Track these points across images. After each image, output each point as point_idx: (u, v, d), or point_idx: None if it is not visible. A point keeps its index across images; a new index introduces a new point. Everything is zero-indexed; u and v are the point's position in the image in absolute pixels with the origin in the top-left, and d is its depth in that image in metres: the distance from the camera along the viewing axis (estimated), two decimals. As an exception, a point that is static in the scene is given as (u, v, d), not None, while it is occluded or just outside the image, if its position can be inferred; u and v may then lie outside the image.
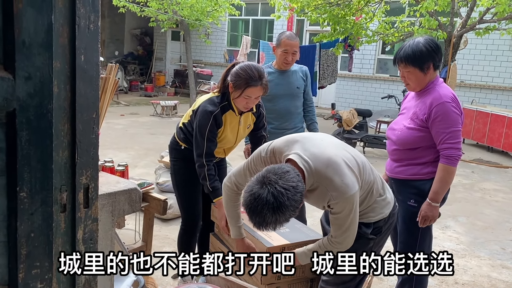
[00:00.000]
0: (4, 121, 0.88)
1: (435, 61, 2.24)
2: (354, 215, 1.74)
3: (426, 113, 2.22)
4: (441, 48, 2.27)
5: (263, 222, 1.58)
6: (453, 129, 2.17)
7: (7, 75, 0.85)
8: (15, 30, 0.85)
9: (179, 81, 14.52)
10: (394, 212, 2.01)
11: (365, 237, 1.91)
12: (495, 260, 3.68)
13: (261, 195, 1.54)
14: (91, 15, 0.97)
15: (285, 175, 1.59)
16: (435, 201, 2.24)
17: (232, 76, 2.39)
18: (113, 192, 1.55)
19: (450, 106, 2.18)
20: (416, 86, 2.30)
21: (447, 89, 2.26)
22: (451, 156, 2.18)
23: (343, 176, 1.68)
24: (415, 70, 2.23)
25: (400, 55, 2.26)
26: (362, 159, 1.86)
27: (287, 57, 3.13)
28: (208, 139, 2.41)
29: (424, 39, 2.25)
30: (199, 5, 11.25)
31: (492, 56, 10.15)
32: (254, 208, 1.56)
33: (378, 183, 1.92)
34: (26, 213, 0.92)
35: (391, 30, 8.14)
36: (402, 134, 2.31)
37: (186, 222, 2.73)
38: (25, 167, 0.90)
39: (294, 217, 1.70)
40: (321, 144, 1.79)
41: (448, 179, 2.22)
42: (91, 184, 1.03)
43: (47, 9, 0.88)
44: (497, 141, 8.04)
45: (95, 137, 1.02)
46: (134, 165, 5.75)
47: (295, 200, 1.57)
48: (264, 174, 1.60)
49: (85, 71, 0.97)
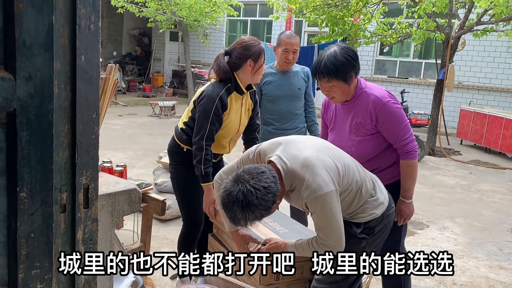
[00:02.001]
0: (4, 121, 0.88)
1: (355, 69, 2.18)
2: (332, 216, 1.75)
3: (372, 120, 2.18)
4: (356, 53, 2.22)
5: (234, 218, 1.67)
6: (402, 124, 2.17)
7: (8, 75, 0.85)
8: (15, 31, 0.85)
9: (177, 81, 14.51)
10: (390, 213, 2.00)
11: (356, 236, 1.93)
12: (492, 261, 3.69)
13: (232, 192, 1.64)
14: (91, 15, 0.97)
15: (258, 176, 1.67)
16: (408, 198, 2.25)
17: (245, 53, 2.44)
18: (113, 193, 1.55)
19: (391, 104, 2.16)
20: (341, 97, 2.23)
21: (378, 89, 2.23)
22: (410, 151, 2.19)
23: (315, 176, 1.71)
24: (339, 83, 2.15)
25: (320, 70, 2.16)
26: (346, 162, 1.86)
27: (287, 56, 3.14)
28: (212, 122, 2.40)
29: (340, 48, 2.16)
30: (198, 5, 11.25)
31: (489, 57, 10.18)
32: (226, 204, 1.66)
33: (368, 184, 1.92)
34: (26, 213, 0.92)
35: (389, 32, 8.16)
36: (357, 149, 2.24)
37: (188, 226, 2.70)
38: (25, 167, 0.90)
39: (268, 215, 1.75)
40: (302, 146, 1.84)
41: (415, 173, 2.24)
42: (91, 184, 1.03)
43: (48, 10, 0.88)
44: (494, 143, 8.07)
45: (95, 137, 1.02)
46: (132, 166, 5.75)
47: (265, 200, 1.64)
48: (239, 173, 1.70)
49: (86, 71, 0.98)
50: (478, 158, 7.92)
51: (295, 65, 3.33)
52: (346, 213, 1.95)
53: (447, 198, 5.42)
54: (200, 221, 2.68)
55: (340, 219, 1.79)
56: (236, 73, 2.47)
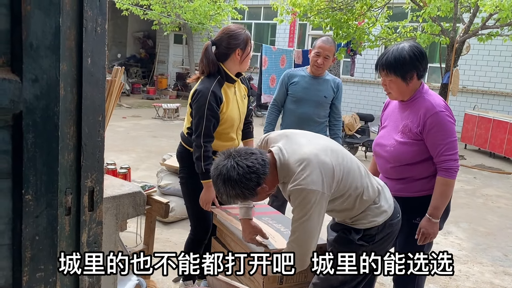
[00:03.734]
0: (10, 123, 0.88)
1: (419, 71, 2.09)
2: (308, 215, 1.72)
3: (419, 125, 2.08)
4: (426, 55, 2.13)
5: (218, 191, 1.76)
6: (449, 139, 2.05)
7: (15, 77, 0.85)
8: (23, 33, 0.85)
9: (181, 84, 14.54)
10: (393, 223, 1.93)
11: (353, 242, 1.89)
12: (497, 266, 3.66)
13: (218, 166, 1.73)
14: (98, 18, 0.97)
15: (247, 155, 1.73)
16: (436, 217, 2.11)
17: (232, 42, 2.44)
18: (118, 195, 1.55)
19: (445, 115, 2.06)
20: (398, 95, 2.17)
21: (437, 97, 2.14)
22: (450, 169, 2.06)
23: (306, 172, 1.71)
24: (397, 79, 2.08)
25: (382, 62, 2.11)
26: (347, 166, 1.83)
27: (317, 60, 3.14)
28: (208, 118, 2.37)
29: (409, 45, 2.09)
30: (202, 8, 11.29)
31: (494, 62, 10.15)
32: (212, 177, 1.76)
33: (370, 190, 1.88)
34: (31, 216, 0.91)
35: (394, 35, 8.14)
36: (396, 150, 2.16)
37: (196, 232, 2.67)
38: (30, 170, 0.90)
39: (251, 198, 1.80)
40: (305, 142, 1.85)
41: (448, 193, 2.11)
42: (96, 187, 1.02)
43: (55, 12, 0.88)
44: (499, 147, 8.03)
45: (101, 140, 1.02)
46: (136, 168, 5.75)
47: (247, 179, 1.69)
48: (232, 150, 1.77)
49: (92, 74, 0.97)
50: (482, 162, 7.88)
51: (327, 73, 3.31)
52: (348, 218, 1.94)
53: (452, 202, 5.39)
54: (208, 227, 2.65)
55: (316, 225, 1.75)
56: (223, 64, 2.46)
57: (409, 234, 2.19)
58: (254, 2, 13.44)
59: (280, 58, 9.92)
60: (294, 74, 3.30)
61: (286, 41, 12.99)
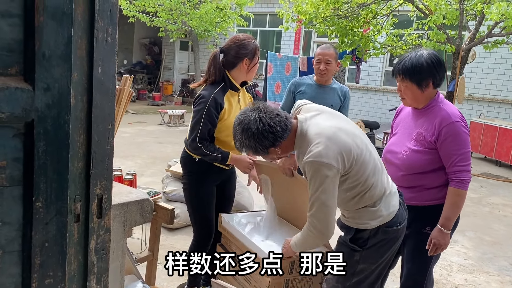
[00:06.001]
0: (22, 132, 0.89)
1: (436, 79, 2.08)
2: (322, 188, 1.72)
3: (434, 134, 2.08)
4: (444, 64, 2.12)
5: (234, 138, 1.85)
6: (464, 150, 2.05)
7: (27, 86, 0.87)
8: (35, 43, 0.86)
9: (186, 90, 14.61)
10: (389, 230, 1.88)
11: (347, 245, 1.90)
12: (504, 276, 3.63)
13: (243, 114, 1.82)
14: (109, 28, 0.98)
15: (272, 115, 1.77)
16: (447, 228, 2.10)
17: (242, 51, 2.45)
18: (126, 203, 1.56)
19: (460, 126, 2.05)
20: (412, 102, 2.16)
21: (453, 108, 2.13)
22: (463, 180, 2.05)
23: (322, 145, 1.71)
24: (413, 85, 2.09)
25: (399, 67, 2.12)
26: (364, 156, 1.81)
27: (320, 66, 3.17)
28: (204, 122, 2.38)
29: (427, 52, 2.09)
30: (208, 16, 11.37)
31: (500, 69, 10.13)
32: (235, 123, 1.84)
33: (377, 191, 1.85)
34: (41, 223, 0.92)
35: (399, 43, 8.15)
36: (408, 158, 2.15)
37: (199, 237, 2.68)
38: (41, 177, 0.91)
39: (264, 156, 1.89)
40: (331, 118, 1.87)
41: (460, 204, 2.10)
42: (105, 194, 1.03)
43: (67, 22, 0.89)
44: (505, 155, 7.99)
45: (110, 148, 1.03)
46: (141, 174, 5.77)
47: (264, 136, 1.74)
48: (260, 104, 1.83)
49: (102, 82, 0.99)
50: (488, 171, 7.84)
51: (334, 81, 3.32)
52: (343, 210, 1.94)
53: (457, 211, 5.36)
54: (211, 233, 2.66)
55: (331, 198, 1.75)
56: (229, 72, 2.47)
57: (417, 243, 2.19)
58: (260, 9, 13.51)
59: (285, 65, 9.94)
60: (301, 83, 3.32)
61: (291, 48, 13.04)
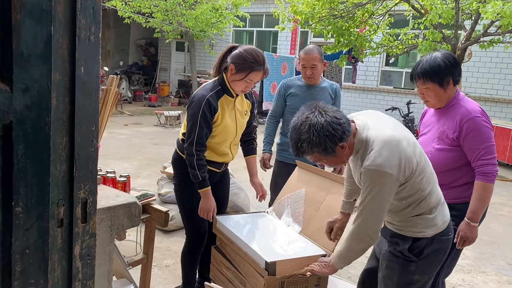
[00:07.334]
0: (0, 134, 0.85)
1: (455, 76, 2.15)
2: (378, 196, 1.68)
3: (456, 131, 2.12)
4: (459, 62, 2.18)
5: (299, 140, 1.70)
6: (487, 144, 2.08)
7: (4, 87, 0.83)
8: (13, 41, 0.83)
9: (183, 91, 14.57)
10: (442, 239, 1.87)
11: (404, 257, 1.83)
12: (501, 276, 3.61)
13: (304, 114, 1.73)
14: (91, 26, 0.95)
15: (333, 111, 1.71)
16: (475, 221, 2.12)
17: (235, 58, 2.33)
18: (112, 206, 1.52)
19: (481, 120, 2.09)
20: (436, 102, 2.21)
21: (473, 104, 2.17)
22: (488, 173, 2.07)
23: (385, 152, 1.66)
24: (434, 86, 2.15)
25: (417, 71, 2.18)
26: (423, 164, 1.78)
27: (306, 72, 3.13)
28: (200, 125, 2.32)
29: (441, 53, 2.16)
30: (204, 16, 11.33)
31: (496, 68, 10.13)
32: (295, 125, 1.73)
33: (433, 198, 1.83)
34: (21, 229, 0.89)
35: (395, 43, 8.14)
36: (433, 157, 2.15)
37: (191, 239, 2.66)
38: (21, 181, 0.87)
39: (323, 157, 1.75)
40: (391, 126, 1.80)
41: (487, 197, 2.11)
42: (89, 198, 1.00)
43: (47, 20, 0.86)
44: (502, 154, 7.98)
45: (94, 150, 0.99)
46: (137, 175, 5.73)
47: (333, 128, 1.65)
48: (317, 104, 1.75)
49: (85, 83, 0.95)
50: (485, 170, 7.83)
51: (323, 79, 3.29)
52: (396, 219, 1.88)
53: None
54: (204, 234, 2.63)
55: (384, 208, 1.72)
56: (225, 75, 2.41)
57: None
58: (256, 9, 13.49)
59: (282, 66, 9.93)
60: (290, 85, 3.27)
61: (287, 49, 13.02)
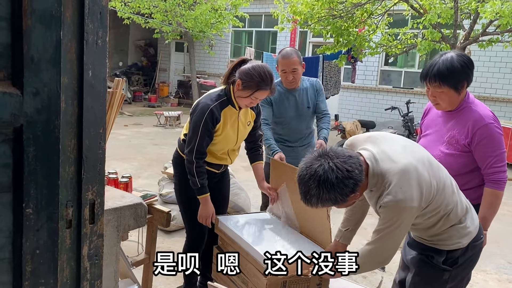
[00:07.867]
0: (11, 137, 0.87)
1: (469, 79, 2.08)
2: (398, 230, 1.65)
3: (468, 137, 2.06)
4: (473, 63, 2.10)
5: (307, 193, 1.58)
6: (499, 151, 2.04)
7: (15, 91, 0.85)
8: (23, 46, 0.85)
9: (182, 92, 14.57)
10: (476, 244, 1.85)
11: (438, 267, 1.80)
12: (501, 274, 3.63)
13: (312, 165, 1.57)
14: (99, 30, 0.97)
15: (345, 158, 1.57)
16: (484, 228, 2.07)
17: (243, 75, 2.32)
18: (119, 207, 1.53)
19: (494, 127, 2.04)
20: (447, 106, 2.13)
21: (485, 108, 2.11)
22: (499, 180, 2.05)
23: (406, 186, 1.59)
24: (450, 90, 2.05)
25: (433, 72, 2.05)
26: (443, 180, 1.72)
27: (287, 77, 3.01)
28: (202, 135, 2.33)
29: (456, 55, 2.07)
30: (203, 17, 11.35)
31: (495, 68, 10.16)
32: (303, 177, 1.58)
33: (459, 208, 1.78)
34: (31, 230, 0.91)
35: (394, 42, 8.16)
36: (442, 162, 2.08)
37: (191, 238, 2.68)
38: (31, 183, 0.89)
39: (342, 205, 1.67)
40: (402, 150, 1.72)
41: (497, 204, 2.09)
42: (97, 199, 1.02)
43: (56, 25, 0.88)
44: (501, 153, 8.00)
45: (102, 152, 1.01)
46: (137, 176, 5.75)
47: (345, 184, 1.54)
48: (326, 150, 1.61)
49: (93, 86, 0.97)
50: (484, 169, 7.85)
51: (303, 79, 3.18)
52: (427, 235, 1.83)
53: (454, 209, 5.36)
54: (204, 233, 2.66)
55: (402, 237, 1.70)
56: (233, 87, 2.41)
57: None
58: (255, 10, 13.51)
59: (281, 66, 9.92)
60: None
61: (287, 49, 13.02)
